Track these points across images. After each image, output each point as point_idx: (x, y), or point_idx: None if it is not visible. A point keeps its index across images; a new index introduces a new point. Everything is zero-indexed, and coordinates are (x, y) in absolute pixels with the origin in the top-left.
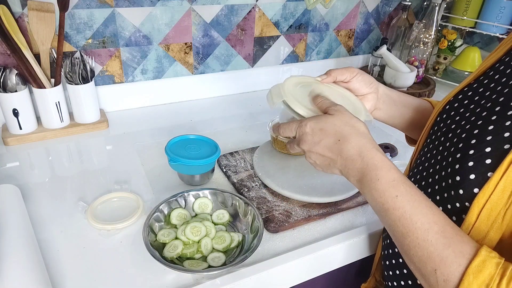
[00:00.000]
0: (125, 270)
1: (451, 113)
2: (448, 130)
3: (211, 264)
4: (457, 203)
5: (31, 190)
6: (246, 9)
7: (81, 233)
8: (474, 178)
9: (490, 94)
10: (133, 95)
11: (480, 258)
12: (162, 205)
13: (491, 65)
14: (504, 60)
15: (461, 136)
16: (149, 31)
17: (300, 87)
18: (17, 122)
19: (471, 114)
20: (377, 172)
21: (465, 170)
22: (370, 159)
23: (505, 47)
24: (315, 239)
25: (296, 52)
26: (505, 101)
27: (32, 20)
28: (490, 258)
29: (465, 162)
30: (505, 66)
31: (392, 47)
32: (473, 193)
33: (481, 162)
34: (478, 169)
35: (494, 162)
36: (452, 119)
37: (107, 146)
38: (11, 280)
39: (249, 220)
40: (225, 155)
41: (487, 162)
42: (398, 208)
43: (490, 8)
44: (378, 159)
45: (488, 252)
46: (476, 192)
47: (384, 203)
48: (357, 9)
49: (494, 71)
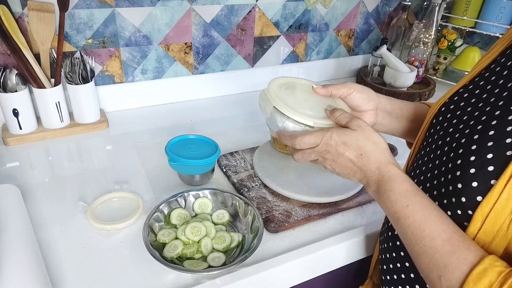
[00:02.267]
0: (125, 270)
1: (448, 115)
2: (446, 134)
3: (211, 264)
4: (458, 210)
5: (31, 190)
6: (246, 9)
7: (81, 233)
8: (477, 185)
9: (487, 96)
10: (133, 95)
11: (483, 266)
12: (162, 205)
13: (486, 66)
14: (499, 61)
15: (461, 141)
16: (149, 31)
17: (285, 89)
18: (17, 122)
19: (469, 118)
20: (391, 184)
21: (467, 177)
22: (387, 172)
23: (500, 47)
24: (315, 239)
25: (296, 52)
26: (504, 105)
27: (32, 20)
28: (493, 267)
29: (466, 169)
30: (501, 67)
31: (392, 47)
32: (476, 201)
33: (483, 169)
34: (481, 176)
35: (497, 169)
36: (448, 121)
37: (107, 146)
38: (11, 280)
39: (249, 220)
40: (225, 155)
41: (489, 169)
42: (408, 217)
43: (490, 8)
44: (394, 172)
45: (493, 260)
46: (479, 200)
47: (396, 212)
48: (357, 9)
49: (490, 72)
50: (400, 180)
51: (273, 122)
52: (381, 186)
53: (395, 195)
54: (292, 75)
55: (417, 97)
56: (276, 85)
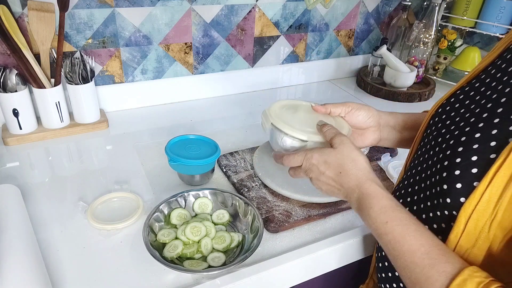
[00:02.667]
0: (125, 270)
1: (443, 116)
2: (438, 135)
3: (211, 264)
4: (445, 211)
5: (31, 190)
6: (246, 9)
7: (81, 233)
8: (460, 187)
9: (479, 99)
10: (133, 95)
11: (462, 277)
12: (162, 205)
13: (484, 67)
14: (496, 63)
15: (449, 142)
16: (149, 31)
17: (286, 109)
18: (17, 122)
19: (460, 119)
20: (369, 201)
21: (452, 178)
22: (365, 189)
23: (498, 49)
24: (315, 239)
25: (296, 52)
26: (492, 107)
27: (32, 20)
28: (473, 277)
29: (452, 171)
30: (496, 69)
31: (392, 47)
32: (459, 202)
33: (467, 171)
34: (465, 178)
35: (480, 171)
36: (442, 123)
37: (107, 146)
38: (11, 280)
39: (249, 220)
40: (225, 155)
41: (473, 171)
42: (388, 233)
43: (490, 8)
44: (372, 189)
45: (472, 271)
46: (462, 202)
47: (376, 229)
48: (357, 9)
49: (486, 75)
50: (378, 197)
51: (272, 140)
52: (361, 204)
53: (374, 212)
54: (292, 75)
55: (417, 97)
56: (278, 106)
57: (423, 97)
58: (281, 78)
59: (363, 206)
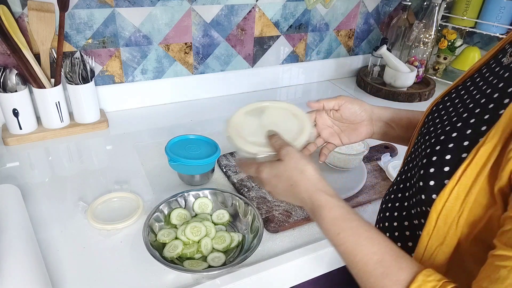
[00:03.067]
0: (125, 270)
1: (435, 114)
2: (428, 133)
3: (211, 264)
4: (422, 207)
5: (31, 190)
6: (246, 9)
7: (81, 233)
8: (433, 184)
9: (466, 98)
10: (133, 95)
11: (416, 284)
12: (162, 205)
13: (478, 68)
14: (489, 63)
15: (431, 141)
16: (149, 31)
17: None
18: (17, 122)
19: (447, 119)
20: (321, 212)
21: (427, 176)
22: (316, 201)
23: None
24: (315, 239)
25: (296, 52)
26: (472, 108)
27: (32, 20)
28: (426, 283)
29: (428, 168)
30: (487, 70)
31: (392, 47)
32: (432, 199)
33: (441, 169)
34: (437, 176)
35: (452, 169)
36: (433, 121)
37: (107, 146)
38: (11, 280)
39: (249, 220)
40: (225, 155)
41: (445, 169)
42: (341, 245)
43: (490, 8)
44: (322, 200)
45: (426, 276)
46: (434, 198)
47: (331, 240)
48: (357, 9)
49: (479, 74)
50: (328, 208)
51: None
52: (314, 215)
53: (327, 224)
54: (292, 75)
55: (417, 97)
56: (242, 112)
57: (423, 97)
58: (281, 78)
59: (316, 217)
